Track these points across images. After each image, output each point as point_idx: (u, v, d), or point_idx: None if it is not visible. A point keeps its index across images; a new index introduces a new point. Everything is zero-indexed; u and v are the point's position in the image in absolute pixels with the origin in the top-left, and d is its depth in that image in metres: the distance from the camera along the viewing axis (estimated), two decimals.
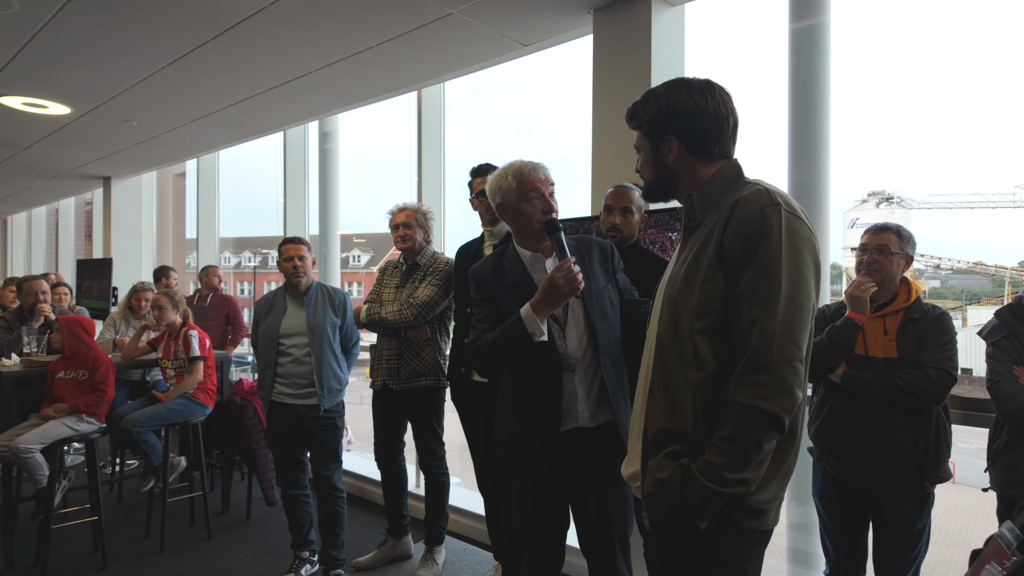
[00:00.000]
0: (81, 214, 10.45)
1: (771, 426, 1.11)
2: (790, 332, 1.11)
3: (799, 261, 1.14)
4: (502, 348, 1.66)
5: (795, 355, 1.11)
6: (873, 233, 1.94)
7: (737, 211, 1.17)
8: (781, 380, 1.10)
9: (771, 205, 1.15)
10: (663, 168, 1.31)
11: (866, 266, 1.91)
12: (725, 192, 1.26)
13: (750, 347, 1.12)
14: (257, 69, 3.53)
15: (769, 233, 1.13)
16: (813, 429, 2.02)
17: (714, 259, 1.18)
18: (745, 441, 1.11)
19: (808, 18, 2.55)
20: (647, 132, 1.31)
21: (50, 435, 2.92)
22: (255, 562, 3.08)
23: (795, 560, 2.59)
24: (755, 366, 1.11)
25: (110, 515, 3.59)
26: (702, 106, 1.25)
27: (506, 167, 1.78)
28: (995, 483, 1.78)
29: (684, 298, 1.21)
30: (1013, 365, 1.75)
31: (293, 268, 2.78)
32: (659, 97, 1.29)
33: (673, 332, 1.22)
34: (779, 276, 1.12)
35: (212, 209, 6.50)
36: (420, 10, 2.77)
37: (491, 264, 1.83)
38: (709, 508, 1.14)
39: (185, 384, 3.33)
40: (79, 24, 2.96)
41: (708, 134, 1.26)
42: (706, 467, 1.13)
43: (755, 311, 1.12)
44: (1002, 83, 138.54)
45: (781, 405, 1.10)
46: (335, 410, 2.83)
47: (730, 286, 1.17)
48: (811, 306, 1.15)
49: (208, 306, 4.62)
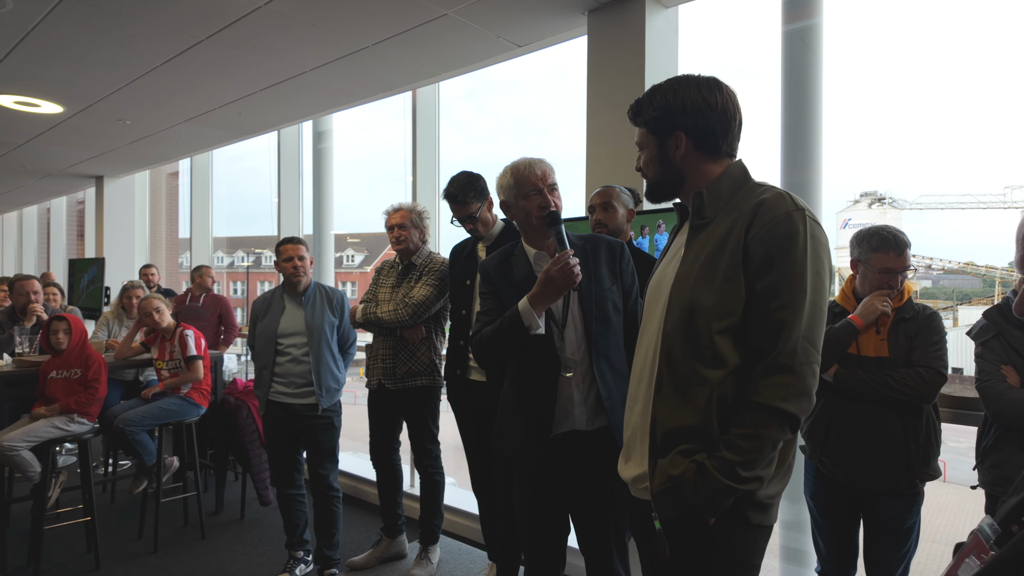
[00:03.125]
0: (73, 213, 10.40)
1: (788, 426, 1.14)
2: (812, 336, 1.14)
3: (820, 267, 1.16)
4: (500, 340, 1.66)
5: (815, 358, 1.14)
6: (898, 254, 1.88)
7: (761, 214, 1.18)
8: (802, 382, 1.12)
9: (796, 210, 1.17)
10: (669, 165, 1.29)
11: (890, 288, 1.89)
12: (734, 192, 1.26)
13: (775, 349, 1.13)
14: (251, 68, 3.52)
15: (796, 238, 1.14)
16: (805, 428, 2.03)
17: (738, 260, 1.18)
18: (763, 440, 1.13)
19: (801, 20, 2.57)
20: (653, 128, 1.29)
21: (37, 434, 2.90)
22: (249, 562, 3.08)
23: (787, 558, 2.61)
24: (779, 367, 1.12)
25: (103, 515, 3.57)
26: (711, 102, 1.25)
27: (507, 166, 1.79)
28: (983, 481, 1.80)
29: (702, 298, 1.20)
30: (1001, 364, 1.77)
31: (293, 268, 2.78)
32: (666, 93, 1.27)
33: (686, 331, 1.21)
34: (805, 281, 1.13)
35: (205, 209, 6.48)
36: (415, 10, 2.78)
37: (498, 260, 1.84)
38: (720, 504, 1.15)
39: (186, 377, 3.33)
40: (72, 23, 2.95)
41: (717, 131, 1.25)
42: (721, 464, 1.14)
43: (781, 314, 1.13)
44: (993, 85, 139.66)
45: (800, 406, 1.13)
46: (333, 410, 2.83)
47: (752, 288, 1.17)
48: (827, 311, 1.19)
49: (201, 306, 4.61)
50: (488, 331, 1.70)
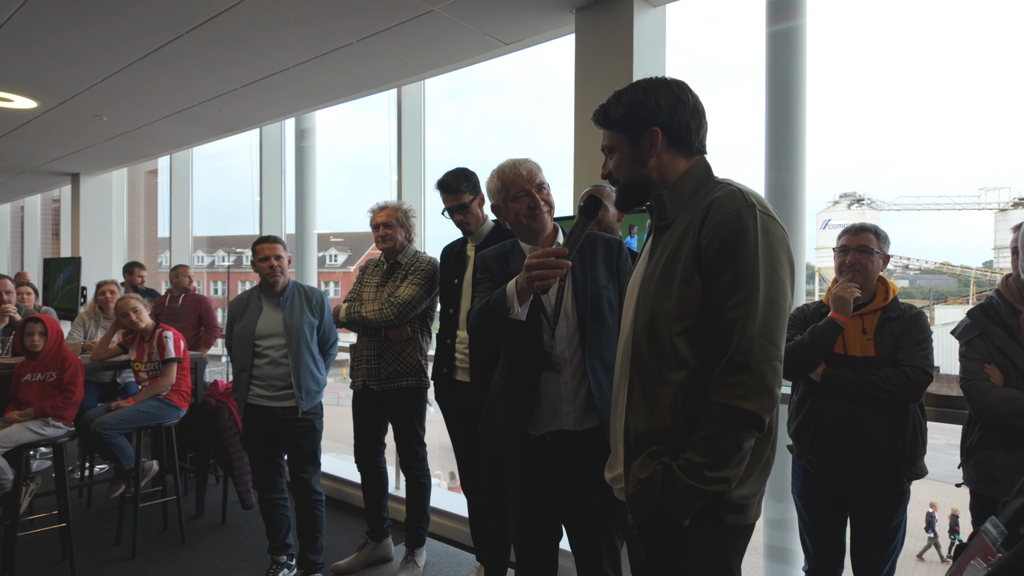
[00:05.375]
0: (48, 211, 10.17)
1: (752, 425, 1.12)
2: (769, 333, 1.12)
3: (775, 262, 1.15)
4: (484, 317, 1.63)
5: (774, 355, 1.13)
6: (853, 234, 1.97)
7: (712, 212, 1.17)
8: (761, 380, 1.11)
9: (746, 206, 1.16)
10: (642, 164, 1.28)
11: (849, 266, 1.94)
12: (696, 191, 1.25)
13: (731, 348, 1.12)
14: (232, 64, 3.46)
15: (746, 235, 1.14)
16: (793, 427, 2.04)
17: (691, 261, 1.18)
18: (726, 440, 1.12)
19: (785, 21, 2.58)
20: (626, 126, 1.28)
21: (11, 439, 2.81)
22: (231, 567, 3.02)
23: (773, 556, 2.62)
24: (736, 367, 1.12)
25: (79, 521, 3.49)
26: (683, 99, 1.25)
27: (493, 170, 1.79)
28: (968, 479, 1.82)
29: (661, 300, 1.21)
30: (985, 364, 1.78)
31: (269, 268, 2.73)
32: (635, 90, 1.27)
33: (650, 334, 1.22)
34: (757, 278, 1.13)
35: (185, 207, 6.37)
36: (400, 6, 2.74)
37: (497, 252, 1.85)
38: (690, 506, 1.15)
39: (157, 386, 3.25)
40: (47, 15, 2.87)
41: (691, 125, 1.26)
42: (687, 465, 1.14)
43: (734, 312, 1.13)
44: (968, 89, 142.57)
45: (762, 405, 1.11)
46: (314, 412, 2.78)
47: (707, 287, 1.17)
48: (787, 305, 1.17)
49: (180, 307, 4.52)
50: (479, 304, 1.69)
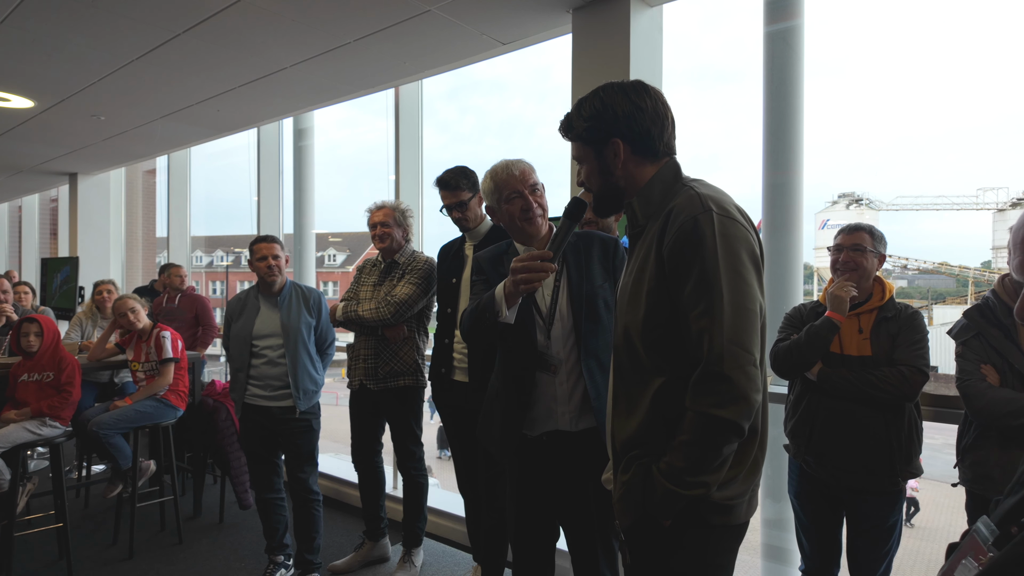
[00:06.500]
0: (46, 211, 10.15)
1: (730, 432, 1.12)
2: (739, 338, 1.11)
3: (737, 264, 1.13)
4: (474, 320, 1.63)
5: (747, 360, 1.11)
6: (847, 233, 1.98)
7: (672, 221, 1.17)
8: (736, 387, 1.10)
9: (703, 212, 1.14)
10: (609, 174, 1.27)
11: (843, 264, 1.94)
12: (665, 195, 1.24)
13: (703, 358, 1.12)
14: (230, 64, 3.45)
15: (703, 242, 1.12)
16: (789, 427, 2.04)
17: (655, 271, 1.18)
18: (705, 447, 1.12)
19: (783, 21, 2.58)
20: (588, 139, 1.27)
21: (8, 439, 2.81)
22: (228, 567, 3.01)
23: (770, 556, 2.62)
24: (709, 376, 1.11)
25: (76, 521, 3.48)
26: (641, 105, 1.24)
27: (487, 171, 1.79)
28: (964, 478, 1.82)
29: (632, 312, 1.21)
30: (981, 364, 1.79)
31: (267, 268, 2.73)
32: (593, 101, 1.26)
33: (626, 343, 1.23)
34: (719, 284, 1.11)
35: (183, 207, 6.35)
36: (398, 6, 2.74)
37: (492, 254, 1.85)
38: (672, 507, 1.15)
39: (155, 386, 3.24)
40: (44, 14, 2.86)
41: (652, 132, 1.24)
42: (667, 469, 1.15)
43: (701, 322, 1.12)
44: (967, 89, 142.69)
45: (738, 412, 1.10)
46: (311, 412, 2.78)
47: (675, 297, 1.16)
48: (757, 307, 1.15)
49: (177, 307, 4.51)
50: (470, 307, 1.70)
